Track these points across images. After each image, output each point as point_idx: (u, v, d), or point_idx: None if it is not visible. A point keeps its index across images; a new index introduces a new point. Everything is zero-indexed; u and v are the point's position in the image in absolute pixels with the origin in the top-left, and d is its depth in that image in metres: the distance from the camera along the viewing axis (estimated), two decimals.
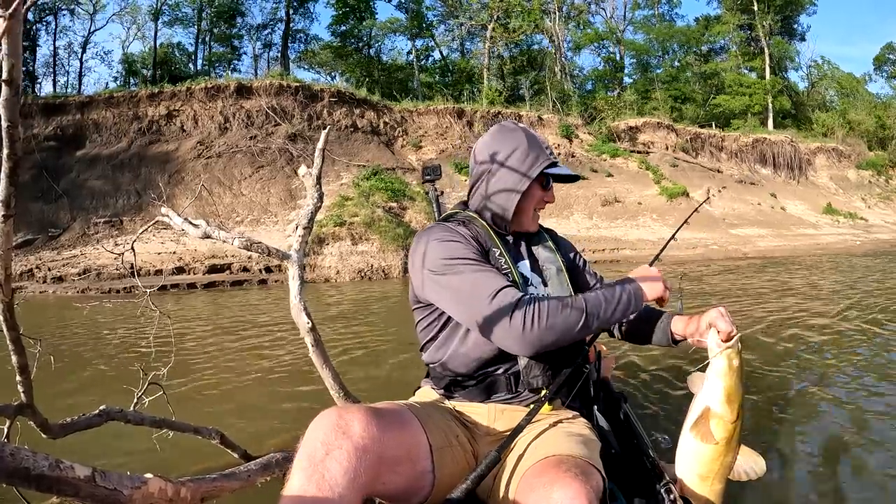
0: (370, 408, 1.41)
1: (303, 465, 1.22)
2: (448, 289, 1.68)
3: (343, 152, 22.42)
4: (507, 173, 1.90)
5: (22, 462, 1.05)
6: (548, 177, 1.98)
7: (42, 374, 2.43)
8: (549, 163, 1.92)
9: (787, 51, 45.58)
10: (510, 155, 1.90)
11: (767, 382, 4.52)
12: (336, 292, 12.56)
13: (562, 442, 1.56)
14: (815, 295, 9.45)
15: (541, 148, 1.93)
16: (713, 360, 1.50)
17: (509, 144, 1.92)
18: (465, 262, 1.67)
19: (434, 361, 1.88)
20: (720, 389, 1.47)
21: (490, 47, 37.31)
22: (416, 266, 1.78)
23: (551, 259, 1.98)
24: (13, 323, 1.58)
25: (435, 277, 1.70)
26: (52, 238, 17.91)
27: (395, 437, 1.40)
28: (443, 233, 1.77)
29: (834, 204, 31.86)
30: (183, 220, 3.03)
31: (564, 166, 2.01)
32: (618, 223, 23.58)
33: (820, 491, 2.75)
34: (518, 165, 1.90)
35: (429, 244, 1.75)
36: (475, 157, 2.00)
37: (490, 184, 1.92)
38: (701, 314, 1.68)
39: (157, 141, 21.91)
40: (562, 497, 1.25)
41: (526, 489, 1.38)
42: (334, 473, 1.20)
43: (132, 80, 35.41)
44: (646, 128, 31.95)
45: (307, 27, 52.91)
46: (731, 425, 1.48)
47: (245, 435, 3.19)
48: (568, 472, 1.34)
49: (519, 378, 1.77)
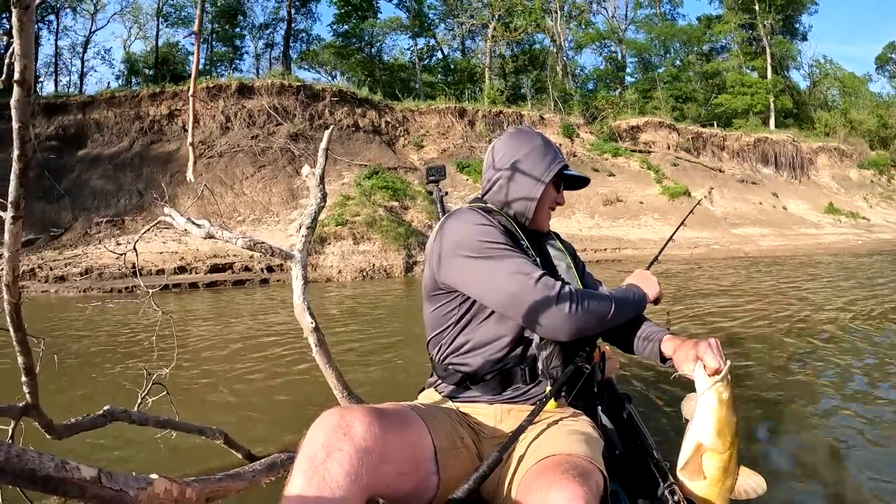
0: (373, 408, 1.39)
1: (303, 467, 1.21)
2: (484, 272, 1.68)
3: (345, 152, 22.44)
4: (526, 174, 1.93)
5: (28, 463, 1.04)
6: (561, 179, 2.05)
7: (45, 374, 2.43)
8: (564, 164, 2.00)
9: (788, 50, 45.60)
10: (529, 155, 1.95)
11: (771, 383, 4.51)
12: (338, 292, 12.57)
13: (563, 441, 1.56)
14: (819, 294, 9.44)
15: (556, 151, 2.02)
16: (702, 396, 1.47)
17: (528, 146, 1.97)
18: (504, 246, 1.70)
19: (447, 353, 1.86)
20: (711, 424, 1.43)
21: (491, 46, 37.33)
22: (446, 248, 1.76)
23: (560, 257, 2.00)
24: (20, 324, 1.58)
25: (469, 261, 1.70)
26: (54, 238, 17.92)
27: (399, 438, 1.39)
28: (478, 216, 1.77)
29: (836, 203, 31.88)
30: (186, 221, 3.03)
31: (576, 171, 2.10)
32: (619, 223, 23.59)
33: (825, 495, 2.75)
34: (536, 166, 1.94)
35: (463, 226, 1.75)
36: (493, 157, 2.01)
37: (510, 183, 1.94)
38: (692, 341, 1.65)
39: (159, 140, 21.95)
40: (559, 499, 1.24)
41: (525, 490, 1.37)
42: (335, 475, 1.19)
43: (134, 79, 35.43)
44: (647, 127, 31.97)
45: (309, 27, 52.97)
46: (725, 455, 1.45)
47: (249, 435, 3.19)
48: (566, 473, 1.33)
49: (535, 369, 1.78)
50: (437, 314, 1.87)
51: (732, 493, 1.49)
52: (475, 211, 1.83)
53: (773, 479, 2.79)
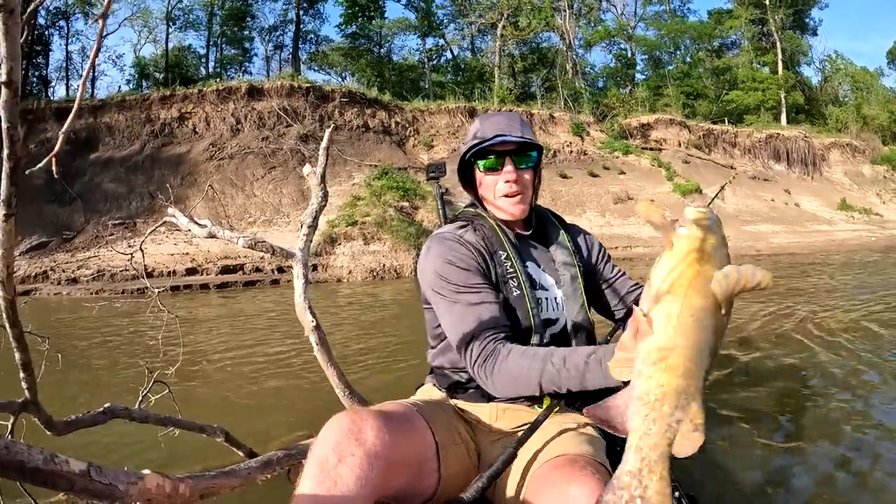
0: (381, 412, 1.41)
1: (314, 470, 1.23)
2: (441, 310, 1.74)
3: (354, 152, 22.48)
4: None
5: (16, 455, 1.06)
6: (493, 157, 1.83)
7: (49, 372, 2.45)
8: (474, 143, 1.83)
9: (799, 45, 45.23)
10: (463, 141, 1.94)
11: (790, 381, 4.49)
12: (349, 292, 12.59)
13: (570, 441, 1.56)
14: (835, 292, 9.38)
15: (480, 130, 1.86)
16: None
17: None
18: (458, 290, 1.69)
19: (439, 363, 1.88)
20: (660, 276, 0.92)
21: (501, 45, 37.26)
22: (422, 275, 1.82)
23: (567, 263, 1.90)
24: (15, 320, 1.60)
25: (434, 294, 1.75)
26: (66, 240, 18.06)
27: (405, 441, 1.41)
28: (444, 249, 1.76)
29: (848, 200, 31.60)
30: (188, 220, 3.05)
31: (511, 135, 1.80)
32: (630, 220, 23.47)
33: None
34: (462, 150, 1.92)
35: (431, 260, 1.77)
36: None
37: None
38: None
39: (170, 143, 22.08)
40: (579, 494, 1.24)
41: (539, 487, 1.38)
42: (347, 480, 1.21)
43: (144, 83, 35.57)
44: (658, 124, 31.83)
45: (317, 28, 53.09)
46: (664, 341, 0.90)
47: (251, 433, 3.20)
48: (584, 469, 1.34)
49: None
50: (431, 323, 1.90)
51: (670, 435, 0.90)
52: (443, 240, 1.80)
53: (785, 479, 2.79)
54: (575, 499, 1.24)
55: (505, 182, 1.81)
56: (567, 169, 26.05)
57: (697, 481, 2.74)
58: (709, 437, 0.89)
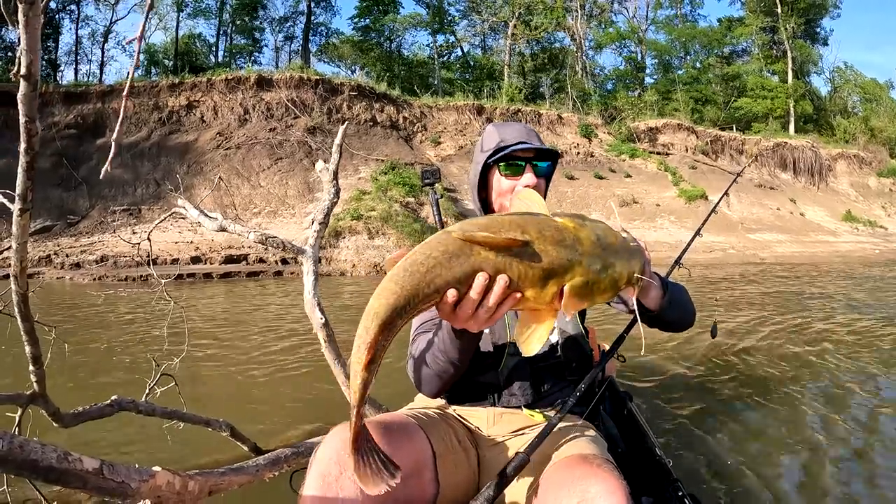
0: (380, 423, 1.44)
1: (317, 483, 1.25)
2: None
3: (361, 146, 22.48)
4: (472, 167, 1.96)
5: (30, 454, 1.05)
6: (516, 163, 1.83)
7: (55, 362, 2.44)
8: (497, 147, 1.83)
9: (809, 55, 45.10)
10: (477, 143, 1.94)
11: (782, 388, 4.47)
12: (353, 286, 12.58)
13: (576, 442, 1.56)
14: (838, 302, 9.36)
15: (501, 137, 1.87)
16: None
17: (482, 135, 1.95)
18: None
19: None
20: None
21: (511, 44, 37.27)
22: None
23: None
24: (27, 314, 1.59)
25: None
26: (71, 225, 18.09)
27: (405, 451, 1.42)
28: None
29: (854, 211, 31.57)
30: (199, 213, 3.03)
31: (532, 143, 1.83)
32: (635, 224, 23.46)
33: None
34: (478, 152, 1.92)
35: None
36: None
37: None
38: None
39: (177, 131, 22.12)
40: (600, 491, 1.23)
41: (553, 486, 1.36)
42: (348, 493, 1.23)
43: (153, 70, 35.60)
44: (666, 129, 31.81)
45: (328, 20, 53.09)
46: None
47: (256, 428, 3.19)
48: (601, 466, 1.33)
49: (500, 394, 1.78)
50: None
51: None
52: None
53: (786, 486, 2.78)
54: (595, 496, 1.23)
55: (524, 186, 1.79)
56: (574, 170, 26.05)
57: (699, 482, 2.75)
58: (710, 438, 0.89)
